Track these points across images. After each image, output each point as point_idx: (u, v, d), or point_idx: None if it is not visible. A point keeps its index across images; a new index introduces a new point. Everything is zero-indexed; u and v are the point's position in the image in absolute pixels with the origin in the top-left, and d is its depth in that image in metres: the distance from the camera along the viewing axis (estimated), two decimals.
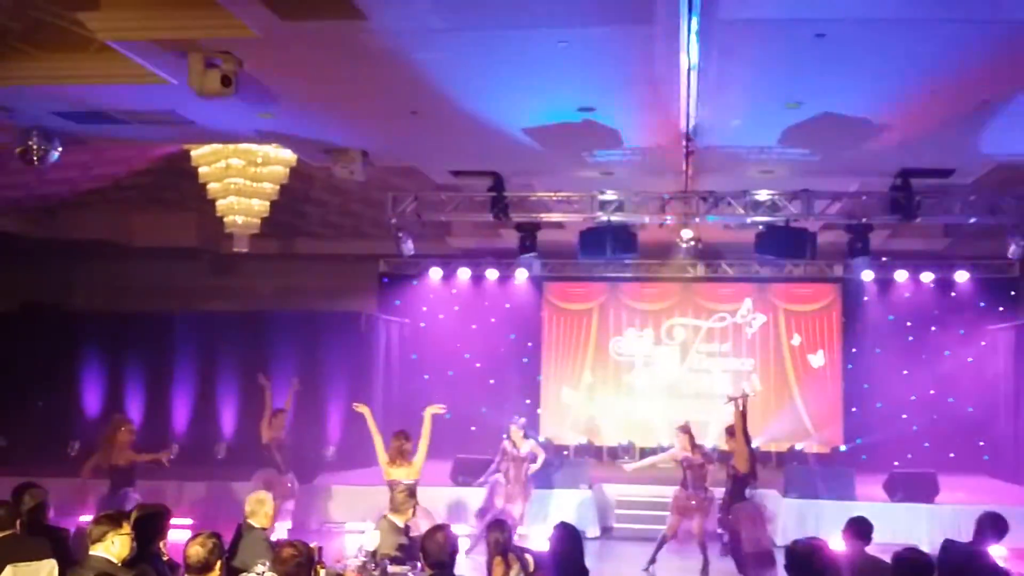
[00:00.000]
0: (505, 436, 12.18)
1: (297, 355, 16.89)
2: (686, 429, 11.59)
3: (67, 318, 18.21)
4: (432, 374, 18.21)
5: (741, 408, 11.31)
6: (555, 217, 13.44)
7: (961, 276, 17.56)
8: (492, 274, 18.51)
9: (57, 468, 14.19)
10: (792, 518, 13.22)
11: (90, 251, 17.82)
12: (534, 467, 12.01)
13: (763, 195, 12.69)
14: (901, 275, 17.75)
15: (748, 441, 11.21)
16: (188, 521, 11.98)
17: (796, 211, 12.68)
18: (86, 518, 8.73)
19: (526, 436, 12.11)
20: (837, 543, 6.85)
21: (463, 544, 10.13)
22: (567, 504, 13.59)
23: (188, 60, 7.68)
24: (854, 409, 18.04)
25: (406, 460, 9.76)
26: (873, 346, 18.11)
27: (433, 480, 12.43)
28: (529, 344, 18.98)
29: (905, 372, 17.82)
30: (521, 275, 18.15)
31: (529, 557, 6.90)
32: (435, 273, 18.68)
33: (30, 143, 10.10)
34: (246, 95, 8.29)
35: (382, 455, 9.82)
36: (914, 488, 13.50)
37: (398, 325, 18.90)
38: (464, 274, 18.66)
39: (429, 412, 9.94)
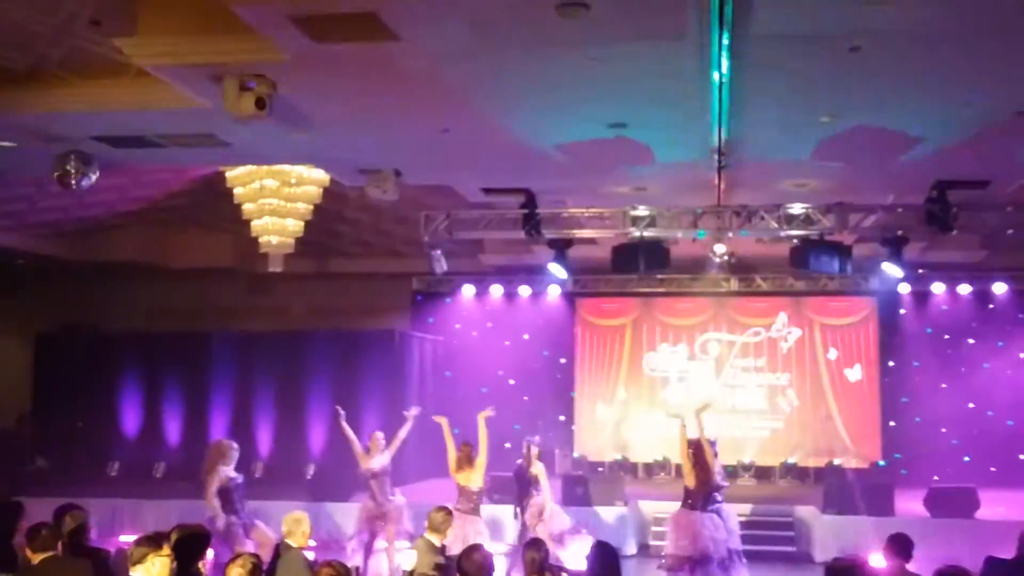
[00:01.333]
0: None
1: (332, 373, 17.01)
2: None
3: (105, 339, 18.45)
4: (466, 391, 18.22)
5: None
6: (587, 233, 13.42)
7: (999, 288, 17.38)
8: (525, 291, 18.55)
9: (98, 489, 14.35)
10: (830, 534, 13.08)
11: (128, 272, 18.05)
12: (545, 501, 11.02)
13: (797, 208, 12.61)
14: (938, 287, 17.61)
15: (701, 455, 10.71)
16: None
17: (831, 224, 12.59)
18: (126, 538, 8.82)
19: (540, 458, 11.54)
20: (877, 560, 6.79)
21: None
22: (603, 521, 13.53)
23: (223, 84, 7.76)
24: (892, 423, 17.85)
25: (470, 466, 10.20)
26: (911, 359, 17.92)
27: None
28: (562, 360, 18.97)
29: (944, 385, 17.62)
30: (554, 291, 18.15)
31: None
32: (468, 290, 18.75)
33: (68, 167, 10.21)
34: (280, 117, 8.36)
35: (453, 463, 10.30)
36: (954, 503, 13.32)
37: (431, 342, 18.96)
38: (497, 291, 18.71)
39: (482, 417, 10.40)
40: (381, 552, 11.13)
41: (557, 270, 13.69)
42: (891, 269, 13.10)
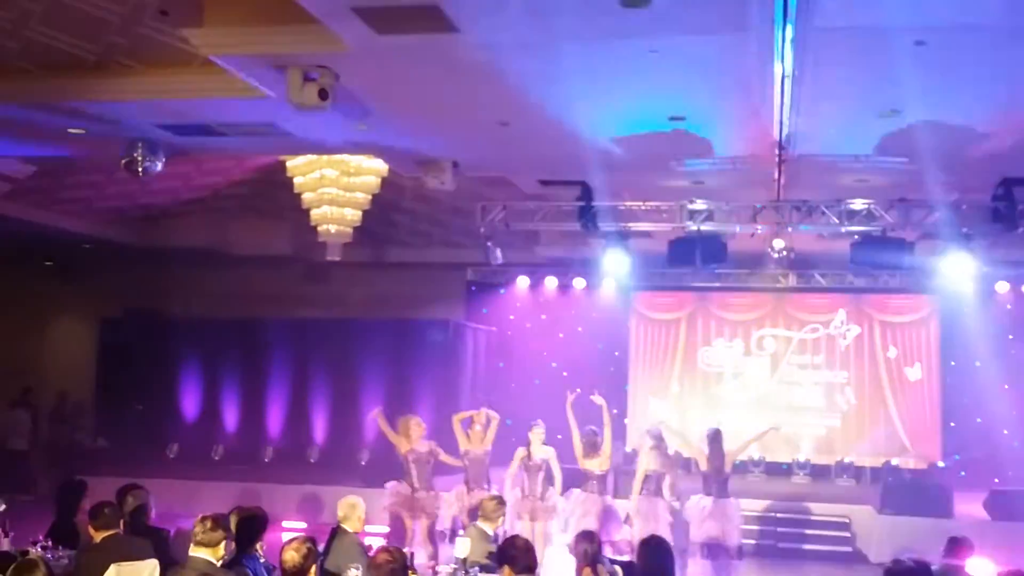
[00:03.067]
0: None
1: (386, 361, 17.16)
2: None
3: (167, 323, 18.80)
4: (519, 382, 18.27)
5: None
6: (644, 226, 13.35)
7: None
8: (580, 283, 18.52)
9: (157, 470, 14.63)
10: (887, 535, 12.93)
11: (189, 259, 18.33)
12: (555, 488, 11.05)
13: (858, 204, 12.43)
14: (1002, 286, 17.25)
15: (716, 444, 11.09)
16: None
17: (893, 221, 12.40)
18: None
19: (545, 443, 11.22)
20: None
21: None
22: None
23: (287, 74, 7.86)
24: (953, 424, 17.54)
25: (596, 452, 10.84)
26: (973, 359, 17.55)
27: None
28: (616, 354, 18.89)
29: (1006, 386, 17.27)
30: (609, 285, 18.10)
31: (618, 569, 6.91)
32: (523, 282, 18.77)
33: (135, 155, 10.45)
34: (342, 108, 8.45)
35: (578, 448, 10.94)
36: (1015, 506, 13.11)
37: (485, 333, 19.03)
38: (552, 283, 18.71)
39: (569, 404, 11.22)
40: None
41: (613, 263, 13.65)
42: (954, 267, 12.89)
